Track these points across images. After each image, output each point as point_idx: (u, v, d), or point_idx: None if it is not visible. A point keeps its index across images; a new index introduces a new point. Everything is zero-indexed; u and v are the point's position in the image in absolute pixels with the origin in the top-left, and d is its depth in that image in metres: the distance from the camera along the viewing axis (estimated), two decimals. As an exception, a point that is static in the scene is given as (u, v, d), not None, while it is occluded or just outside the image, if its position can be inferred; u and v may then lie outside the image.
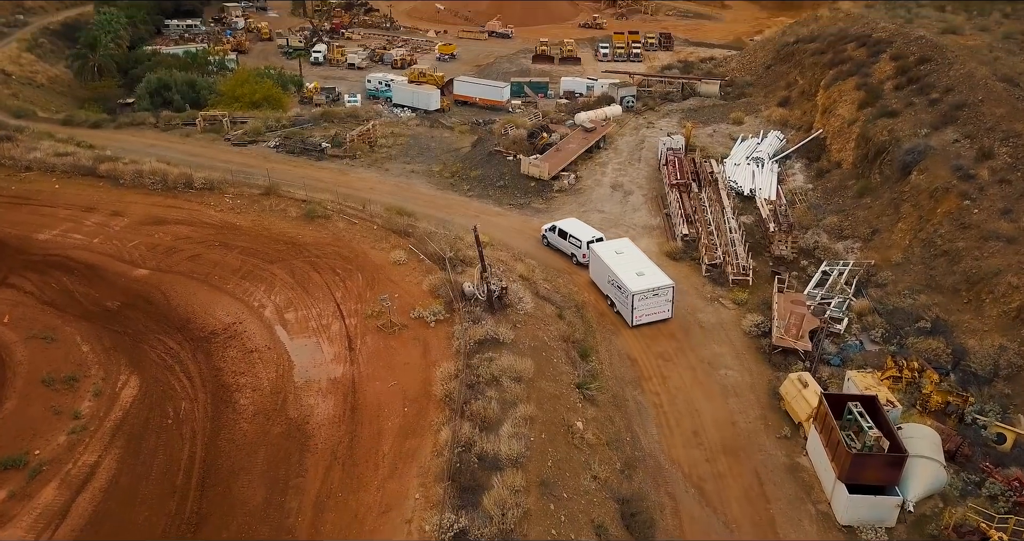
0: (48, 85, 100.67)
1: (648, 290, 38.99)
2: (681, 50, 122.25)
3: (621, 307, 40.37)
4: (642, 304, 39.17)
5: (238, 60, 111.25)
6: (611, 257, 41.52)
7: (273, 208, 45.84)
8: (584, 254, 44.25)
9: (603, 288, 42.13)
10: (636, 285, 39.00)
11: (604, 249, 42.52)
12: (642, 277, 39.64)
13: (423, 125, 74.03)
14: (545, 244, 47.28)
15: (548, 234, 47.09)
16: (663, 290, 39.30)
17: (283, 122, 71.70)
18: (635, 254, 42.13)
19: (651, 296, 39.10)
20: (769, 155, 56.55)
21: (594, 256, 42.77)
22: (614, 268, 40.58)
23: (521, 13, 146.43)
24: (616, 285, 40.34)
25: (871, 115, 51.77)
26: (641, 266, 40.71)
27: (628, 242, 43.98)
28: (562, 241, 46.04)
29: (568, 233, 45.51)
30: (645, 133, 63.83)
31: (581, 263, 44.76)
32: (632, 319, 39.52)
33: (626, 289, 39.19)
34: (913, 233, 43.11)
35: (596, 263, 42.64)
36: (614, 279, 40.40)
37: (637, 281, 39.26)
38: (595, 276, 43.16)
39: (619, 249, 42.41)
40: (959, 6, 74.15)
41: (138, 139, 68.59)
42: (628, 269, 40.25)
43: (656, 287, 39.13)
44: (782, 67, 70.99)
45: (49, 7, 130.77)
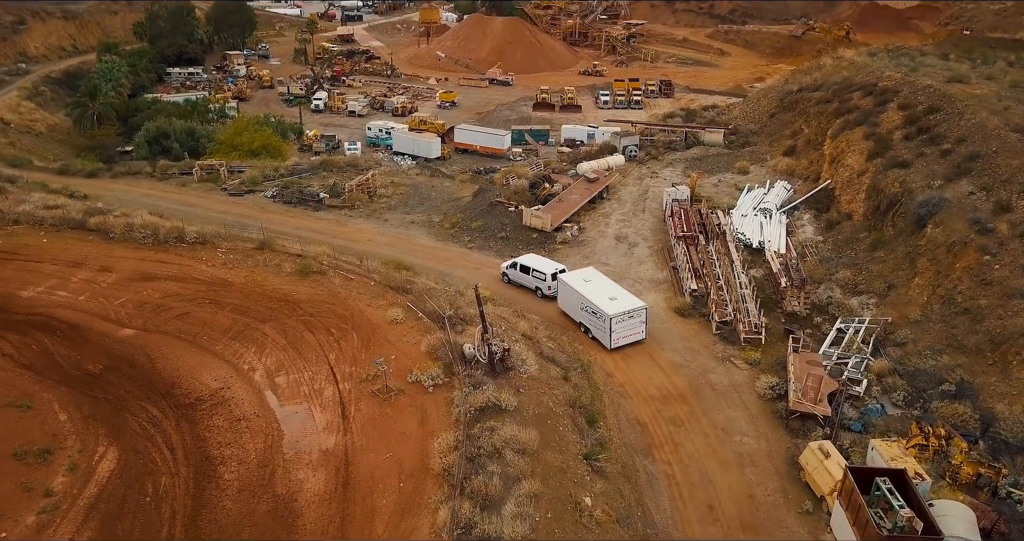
0: (47, 133, 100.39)
1: (624, 313, 40.44)
2: (682, 97, 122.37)
3: (598, 332, 41.45)
4: (619, 327, 40.57)
5: (239, 108, 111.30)
6: (581, 285, 42.84)
7: (267, 263, 44.29)
8: (549, 286, 45.61)
9: (575, 316, 43.24)
10: (613, 309, 40.39)
11: (573, 278, 43.88)
12: (616, 301, 41.14)
13: (423, 174, 73.05)
14: (506, 281, 48.10)
15: (509, 271, 48.08)
16: (637, 312, 40.90)
17: (281, 171, 70.74)
18: (603, 281, 43.61)
19: (627, 318, 40.61)
20: (777, 206, 55.24)
21: (564, 286, 43.96)
22: (587, 295, 41.80)
23: (521, 61, 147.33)
24: (591, 311, 41.48)
25: (881, 166, 50.60)
26: (612, 291, 42.23)
27: (593, 270, 45.36)
28: (524, 276, 47.14)
29: (531, 267, 46.87)
30: (649, 183, 62.69)
31: (547, 296, 45.92)
32: (610, 342, 40.79)
33: (603, 313, 40.42)
34: (931, 289, 41.47)
35: (566, 292, 43.81)
36: (588, 305, 41.60)
37: (612, 305, 40.71)
38: (565, 305, 44.21)
39: (587, 277, 43.87)
40: (962, 54, 73.80)
41: (133, 189, 67.61)
42: (601, 295, 41.66)
43: (631, 309, 40.68)
44: (786, 116, 70.25)
45: (52, 56, 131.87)
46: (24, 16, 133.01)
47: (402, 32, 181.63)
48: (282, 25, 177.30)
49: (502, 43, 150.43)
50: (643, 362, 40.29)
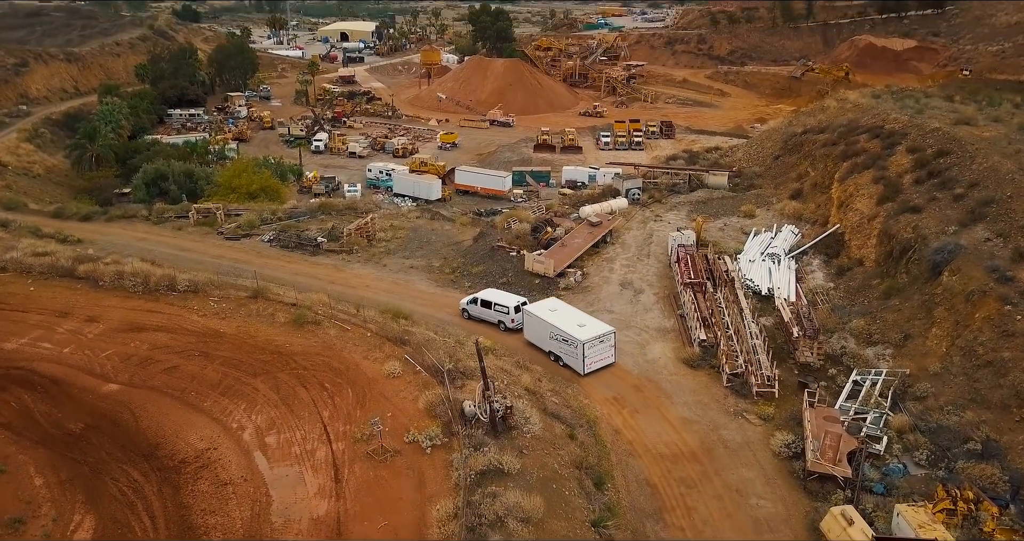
0: (45, 175, 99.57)
1: (595, 338, 41.34)
2: (683, 138, 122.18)
3: (570, 359, 42.14)
4: (591, 352, 41.38)
5: (239, 149, 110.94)
6: (549, 315, 43.65)
7: (260, 313, 42.76)
8: (512, 319, 46.21)
9: (544, 346, 43.80)
10: (584, 335, 41.25)
11: (539, 309, 44.62)
12: (585, 327, 42.04)
13: (423, 217, 71.86)
14: (466, 317, 48.30)
15: (469, 307, 48.30)
16: (607, 336, 41.98)
17: (279, 214, 69.63)
18: (568, 309, 44.64)
19: (599, 343, 41.55)
20: (785, 251, 53.95)
21: (530, 317, 44.67)
22: (557, 323, 42.60)
23: (522, 102, 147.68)
24: (562, 339, 42.20)
25: (892, 210, 49.38)
26: (579, 319, 43.17)
27: (556, 300, 46.55)
28: (486, 311, 47.40)
29: (492, 302, 47.24)
30: (653, 227, 61.48)
31: (510, 329, 46.39)
32: (584, 367, 41.46)
33: (575, 340, 41.20)
34: (950, 340, 39.84)
35: (533, 323, 44.47)
36: (558, 334, 42.33)
37: (583, 331, 41.58)
38: (532, 336, 44.88)
39: (552, 307, 44.73)
40: (967, 96, 73.20)
41: (128, 233, 66.50)
42: (570, 322, 42.49)
43: (601, 334, 41.68)
44: (791, 158, 69.35)
45: (53, 97, 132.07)
46: (27, 59, 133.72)
47: (403, 73, 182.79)
48: (284, 67, 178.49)
49: (503, 85, 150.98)
50: (652, 417, 38.53)
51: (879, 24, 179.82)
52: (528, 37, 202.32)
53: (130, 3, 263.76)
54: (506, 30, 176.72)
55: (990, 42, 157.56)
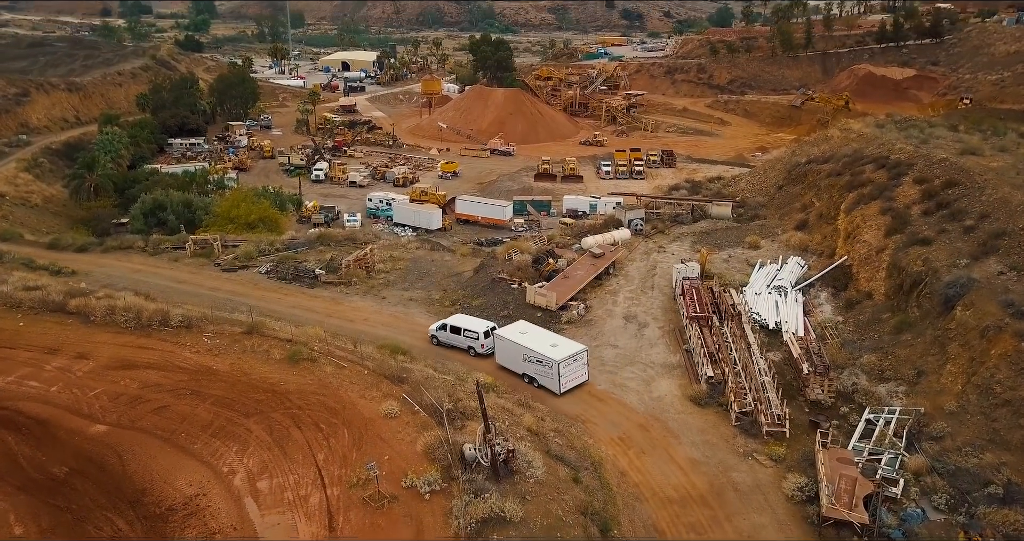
0: (43, 205, 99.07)
1: (569, 357, 41.79)
2: (684, 167, 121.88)
3: (545, 380, 42.45)
4: (566, 371, 41.82)
5: (238, 178, 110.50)
6: (520, 337, 44.02)
7: (255, 349, 41.55)
8: (482, 345, 46.36)
9: (517, 369, 44.02)
10: (558, 355, 41.72)
11: (510, 332, 44.91)
12: (558, 347, 42.51)
13: (423, 248, 70.93)
14: (435, 343, 48.31)
15: (439, 333, 48.31)
16: (580, 355, 42.53)
17: (277, 245, 68.72)
18: (539, 331, 45.22)
19: (573, 362, 42.03)
20: (791, 283, 52.91)
21: (501, 341, 44.93)
22: (530, 345, 43.00)
23: (523, 131, 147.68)
24: (536, 360, 42.52)
25: (901, 242, 48.45)
26: (551, 339, 43.69)
27: (525, 323, 46.82)
28: (455, 337, 47.51)
29: (462, 328, 47.40)
30: (656, 258, 60.52)
31: (480, 354, 46.50)
32: (560, 387, 41.87)
33: (550, 360, 41.65)
34: (966, 377, 38.63)
35: (505, 346, 44.75)
36: (532, 355, 42.68)
37: (557, 351, 42.06)
38: (504, 360, 45.02)
39: (523, 330, 45.13)
40: (971, 126, 72.69)
41: (124, 264, 65.55)
42: (542, 344, 42.94)
43: (575, 353, 42.24)
44: (795, 188, 68.63)
45: (54, 127, 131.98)
46: (28, 88, 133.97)
47: (404, 103, 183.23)
48: (285, 96, 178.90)
49: (503, 114, 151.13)
50: (659, 458, 37.21)
51: (878, 53, 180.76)
52: (528, 67, 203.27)
53: (133, 33, 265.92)
54: (506, 60, 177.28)
55: (989, 71, 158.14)
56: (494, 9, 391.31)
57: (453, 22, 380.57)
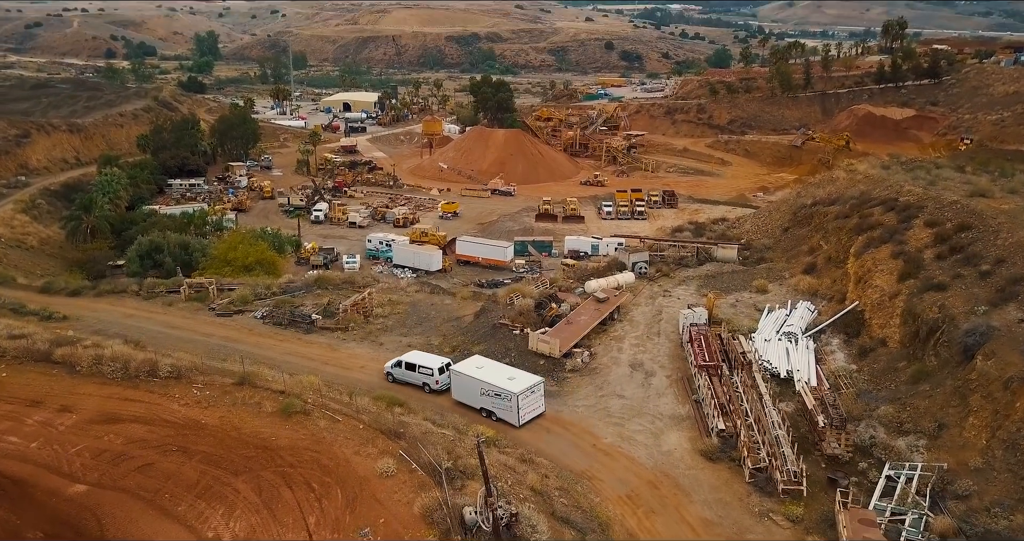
0: (39, 247, 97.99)
1: (527, 389, 42.17)
2: (686, 207, 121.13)
3: (504, 413, 42.61)
4: (525, 402, 42.12)
5: (237, 219, 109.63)
6: (477, 372, 44.27)
7: (246, 401, 39.84)
8: (437, 381, 46.54)
9: (475, 403, 44.07)
10: (517, 387, 41.97)
11: (466, 367, 45.14)
12: (515, 380, 42.82)
13: (423, 291, 69.55)
14: (391, 381, 48.40)
15: (394, 370, 48.45)
16: (537, 387, 43.03)
17: (273, 289, 67.32)
18: (495, 365, 45.62)
19: (531, 394, 42.42)
20: (802, 329, 51.36)
21: (458, 376, 45.09)
22: (487, 379, 43.23)
23: (523, 171, 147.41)
24: (495, 394, 42.67)
25: (915, 288, 47.03)
26: (507, 372, 44.05)
27: (480, 357, 47.38)
28: (411, 373, 47.69)
29: (417, 364, 47.64)
30: (662, 303, 59.03)
31: (435, 390, 46.65)
32: (519, 419, 42.14)
33: (508, 393, 41.91)
34: (990, 431, 36.87)
35: (462, 382, 44.84)
36: (490, 389, 42.82)
37: (515, 384, 42.32)
38: (461, 395, 45.11)
39: (479, 365, 45.41)
40: (978, 167, 71.85)
41: (117, 309, 64.15)
42: (500, 377, 43.29)
43: (532, 385, 42.67)
44: (802, 230, 67.47)
45: (54, 168, 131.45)
46: (29, 130, 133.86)
47: (405, 143, 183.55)
48: (286, 137, 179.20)
49: (504, 154, 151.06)
50: (670, 518, 35.26)
51: (877, 94, 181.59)
52: (529, 108, 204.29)
53: (137, 75, 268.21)
54: (507, 101, 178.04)
55: (989, 111, 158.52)
56: (494, 51, 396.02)
57: (454, 64, 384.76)
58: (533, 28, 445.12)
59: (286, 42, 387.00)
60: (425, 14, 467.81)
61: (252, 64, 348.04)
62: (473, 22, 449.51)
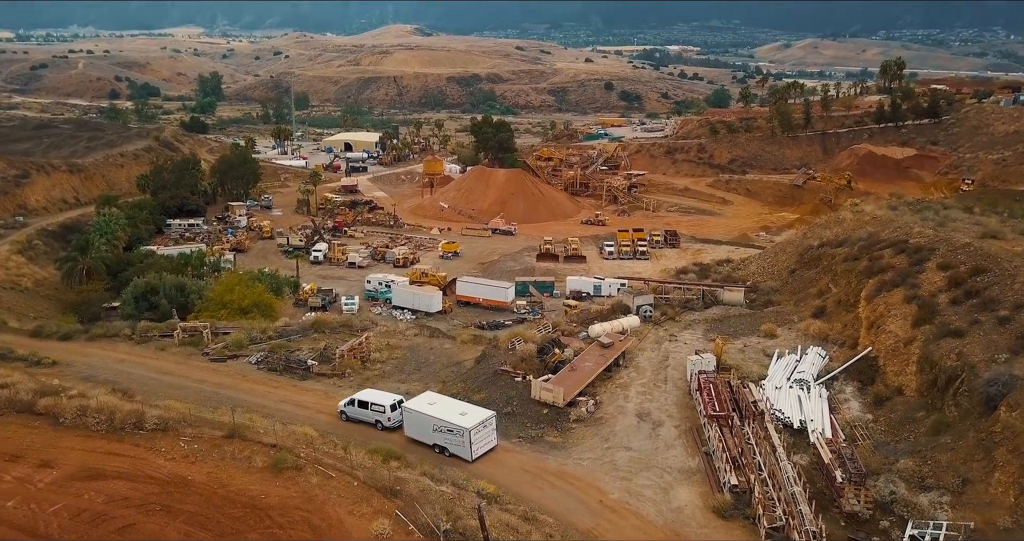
0: (33, 289, 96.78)
1: (479, 424, 42.39)
2: (688, 247, 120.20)
3: (456, 448, 42.65)
4: (477, 437, 42.28)
5: (235, 260, 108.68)
6: (429, 408, 44.31)
7: (236, 455, 37.97)
8: (389, 418, 46.32)
9: (427, 439, 43.96)
10: (469, 422, 42.27)
11: (418, 404, 45.06)
12: (467, 415, 43.03)
13: (422, 334, 67.90)
14: (344, 419, 48.05)
15: (347, 409, 48.10)
16: (489, 421, 43.15)
17: (269, 333, 65.71)
18: (446, 401, 45.87)
19: (483, 428, 42.64)
20: (813, 376, 49.62)
21: (410, 413, 44.90)
22: (439, 415, 43.27)
23: (524, 211, 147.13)
24: (447, 429, 42.76)
25: (931, 334, 45.45)
26: (459, 408, 44.28)
27: (432, 393, 47.53)
28: (363, 411, 47.31)
29: (369, 402, 47.34)
30: (668, 348, 57.34)
31: (387, 427, 46.26)
32: (471, 454, 42.23)
33: (460, 428, 42.09)
34: (1018, 488, 35.01)
35: (414, 418, 44.71)
36: (442, 425, 42.87)
37: (467, 419, 42.60)
38: (413, 432, 44.84)
39: (431, 401, 45.45)
40: (986, 207, 70.82)
41: (108, 353, 62.43)
42: (451, 413, 43.39)
43: (484, 420, 42.83)
44: (809, 272, 66.09)
45: (53, 208, 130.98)
46: (29, 170, 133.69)
47: (406, 183, 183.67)
48: (287, 176, 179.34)
49: (505, 193, 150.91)
50: (682, 583, 33.20)
51: (877, 133, 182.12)
52: (529, 147, 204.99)
53: (140, 115, 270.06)
54: (507, 141, 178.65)
55: (990, 150, 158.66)
56: (495, 91, 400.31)
57: (455, 104, 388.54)
58: (533, 69, 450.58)
59: (288, 83, 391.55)
60: (427, 56, 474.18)
61: (254, 104, 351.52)
62: (474, 63, 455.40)
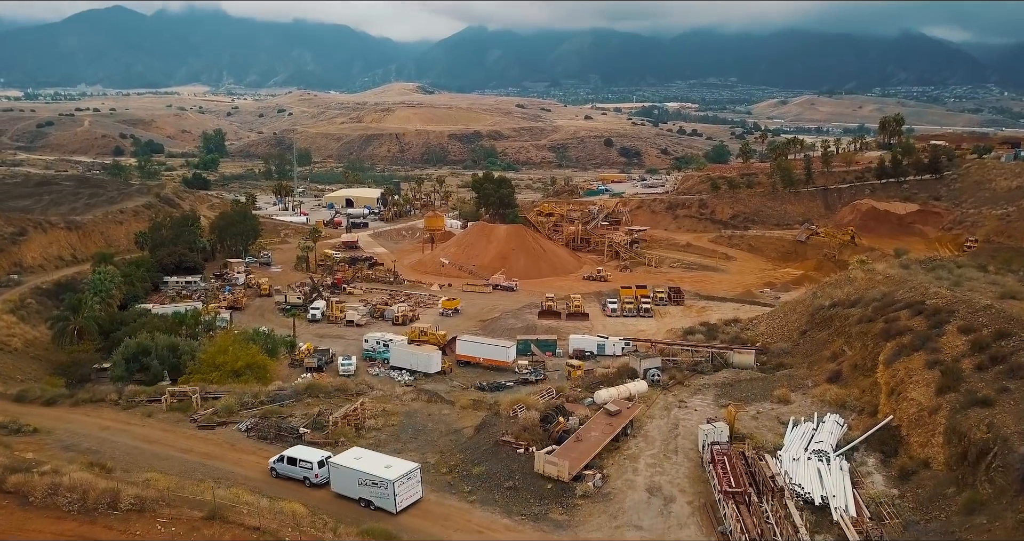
0: (23, 349, 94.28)
1: (403, 476, 43.10)
2: (692, 305, 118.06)
3: (381, 501, 42.95)
4: (401, 489, 42.89)
5: (231, 318, 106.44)
6: (355, 462, 44.98)
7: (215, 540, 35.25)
8: (316, 474, 46.57)
9: (353, 494, 44.34)
10: (393, 474, 42.97)
11: (344, 459, 45.76)
12: (391, 468, 43.80)
13: (419, 399, 65.22)
14: (274, 476, 48.09)
15: (276, 465, 48.22)
16: (413, 473, 44.01)
17: (261, 397, 63.14)
18: (372, 455, 46.52)
19: (407, 480, 43.39)
20: (832, 446, 46.94)
21: (337, 469, 45.45)
22: (365, 469, 43.97)
23: (525, 266, 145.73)
24: (372, 483, 43.33)
25: (957, 403, 42.99)
26: (385, 461, 45.02)
27: (359, 449, 48.15)
28: (292, 468, 47.47)
29: (297, 458, 47.63)
30: (678, 415, 54.70)
31: (315, 484, 46.41)
32: (396, 506, 42.59)
33: (384, 480, 42.74)
34: (1066, 576, 32.12)
35: (340, 474, 45.23)
36: (367, 479, 43.49)
37: (391, 472, 43.33)
38: (340, 488, 45.22)
39: (356, 455, 46.24)
40: (1001, 266, 68.96)
41: (92, 420, 59.98)
42: (376, 466, 44.12)
43: (408, 472, 43.61)
44: (821, 334, 63.83)
45: (49, 266, 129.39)
46: (26, 227, 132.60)
47: (407, 238, 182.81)
48: (287, 232, 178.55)
49: (506, 249, 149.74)
50: None
51: (879, 188, 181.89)
52: (530, 203, 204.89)
53: (143, 172, 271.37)
54: (508, 196, 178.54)
55: (993, 206, 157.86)
56: (496, 148, 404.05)
57: (456, 160, 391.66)
58: (534, 126, 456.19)
59: (291, 139, 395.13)
60: (429, 113, 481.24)
61: (257, 161, 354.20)
62: (475, 120, 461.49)
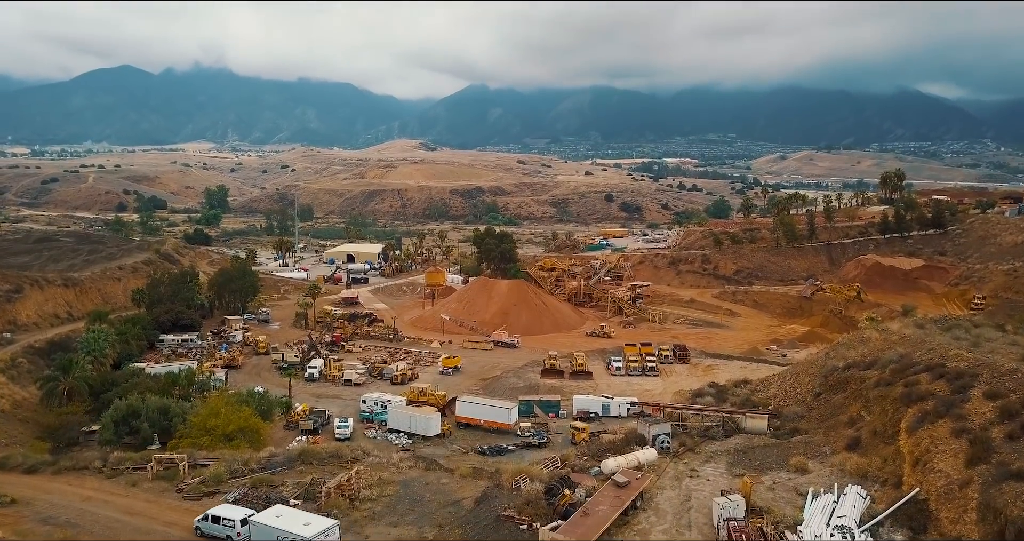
0: (11, 411, 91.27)
1: (320, 533, 44.32)
2: (698, 363, 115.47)
3: None
4: None
5: (227, 377, 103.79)
6: (275, 520, 46.21)
7: (193, 632, 32.41)
8: (239, 533, 47.21)
9: None
10: (310, 532, 44.18)
11: (265, 517, 46.84)
12: (310, 525, 45.15)
13: (417, 467, 62.42)
14: (199, 535, 48.65)
15: (201, 524, 48.72)
16: (331, 529, 45.42)
17: (252, 465, 60.49)
18: (293, 512, 47.95)
19: (325, 538, 44.56)
20: (856, 521, 44.03)
21: (257, 527, 46.43)
22: (283, 527, 45.09)
23: (527, 322, 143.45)
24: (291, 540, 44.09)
25: (989, 476, 40.40)
26: (303, 519, 46.42)
27: (281, 506, 49.47)
28: (215, 526, 48.13)
29: (221, 517, 48.36)
30: (690, 485, 51.84)
31: None
32: None
33: (302, 538, 43.59)
34: None
35: (260, 532, 46.14)
36: (286, 536, 44.40)
37: (309, 529, 44.61)
38: None
39: (278, 514, 47.44)
40: (1018, 325, 66.78)
41: (75, 490, 57.40)
42: (295, 524, 45.35)
43: (326, 529, 44.97)
44: (836, 397, 61.29)
45: (43, 323, 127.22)
46: (22, 284, 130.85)
47: (408, 294, 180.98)
48: (287, 288, 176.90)
49: (507, 304, 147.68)
50: None
51: (883, 243, 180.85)
52: (532, 258, 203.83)
53: (145, 227, 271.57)
54: (510, 251, 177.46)
55: (999, 261, 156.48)
56: (498, 203, 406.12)
57: (458, 215, 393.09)
58: (535, 181, 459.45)
59: (294, 195, 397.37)
60: (430, 169, 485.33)
61: (259, 216, 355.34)
62: (477, 176, 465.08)
